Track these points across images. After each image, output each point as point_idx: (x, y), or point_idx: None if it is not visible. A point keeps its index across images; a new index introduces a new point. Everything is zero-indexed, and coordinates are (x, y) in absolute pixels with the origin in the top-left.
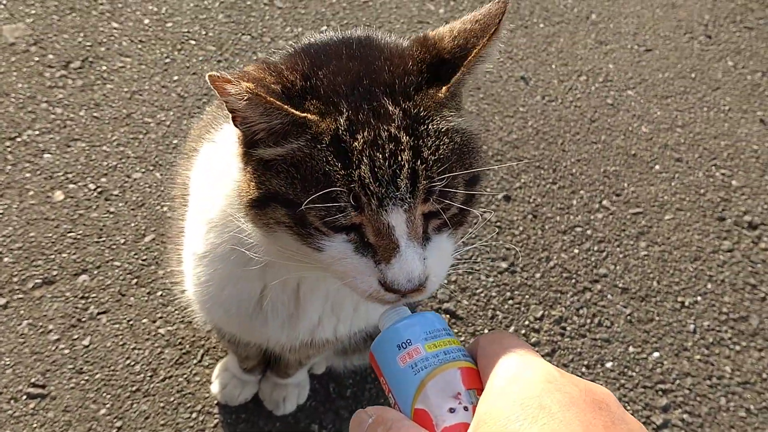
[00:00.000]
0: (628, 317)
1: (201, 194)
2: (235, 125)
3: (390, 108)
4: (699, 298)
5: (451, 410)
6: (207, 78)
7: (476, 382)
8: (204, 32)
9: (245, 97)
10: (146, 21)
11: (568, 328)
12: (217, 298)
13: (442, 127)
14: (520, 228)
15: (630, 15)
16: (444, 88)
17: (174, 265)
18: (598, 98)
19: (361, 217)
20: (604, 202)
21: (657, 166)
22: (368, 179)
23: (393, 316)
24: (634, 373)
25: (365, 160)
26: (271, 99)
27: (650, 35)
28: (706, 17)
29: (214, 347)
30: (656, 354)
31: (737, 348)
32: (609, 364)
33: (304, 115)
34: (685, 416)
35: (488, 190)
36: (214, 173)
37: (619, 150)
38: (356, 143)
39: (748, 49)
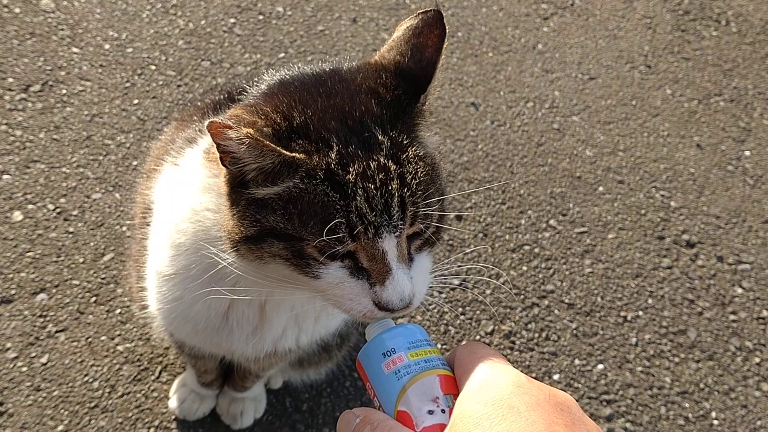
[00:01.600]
0: (574, 331)
1: (167, 217)
2: (224, 165)
3: (380, 138)
4: (640, 312)
5: (430, 412)
6: (206, 125)
7: (453, 388)
8: (164, 57)
9: (245, 142)
10: (107, 46)
11: (518, 342)
12: (185, 315)
13: (420, 153)
14: (471, 246)
15: (574, 45)
16: (421, 96)
17: (134, 282)
18: (545, 123)
19: (357, 245)
20: (551, 222)
21: (601, 188)
22: (365, 209)
23: (379, 327)
24: (579, 385)
25: (360, 192)
26: (267, 142)
27: (594, 64)
28: (645, 48)
29: (172, 363)
30: (600, 366)
31: (676, 360)
32: (556, 377)
33: (293, 155)
34: (627, 425)
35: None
36: (180, 199)
37: (564, 172)
38: (349, 176)
39: (685, 78)
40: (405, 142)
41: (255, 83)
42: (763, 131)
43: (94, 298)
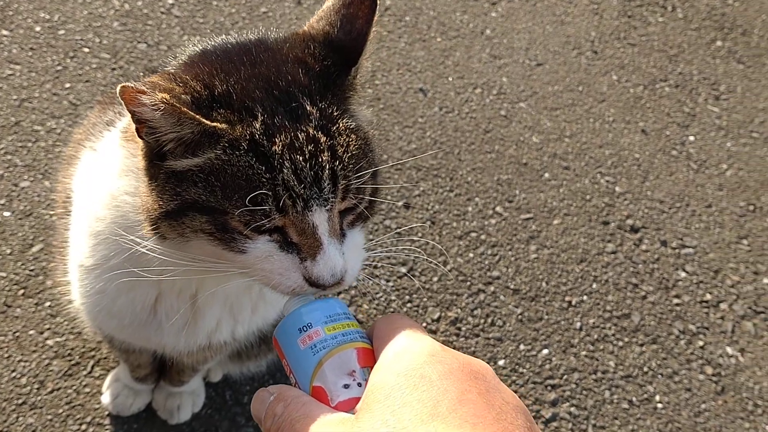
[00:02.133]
0: (519, 317)
1: (85, 205)
2: (140, 137)
3: (308, 108)
4: (585, 297)
5: (346, 386)
6: (119, 90)
7: (371, 361)
8: (98, 40)
9: (161, 108)
10: (37, 28)
11: (463, 329)
12: (109, 309)
13: (351, 125)
14: (419, 234)
15: (522, 31)
16: (352, 69)
17: (59, 275)
18: (492, 110)
19: (285, 219)
20: (498, 209)
21: (547, 174)
22: (293, 182)
23: (297, 302)
24: (524, 370)
25: (287, 164)
26: (185, 109)
27: (541, 50)
28: (592, 34)
29: (105, 358)
30: (545, 351)
31: (620, 344)
32: (501, 362)
33: (214, 124)
34: (572, 409)
35: (389, 198)
36: (98, 185)
37: (511, 159)
38: (275, 147)
39: (631, 64)
40: (335, 113)
41: (177, 54)
42: (707, 116)
43: (22, 291)
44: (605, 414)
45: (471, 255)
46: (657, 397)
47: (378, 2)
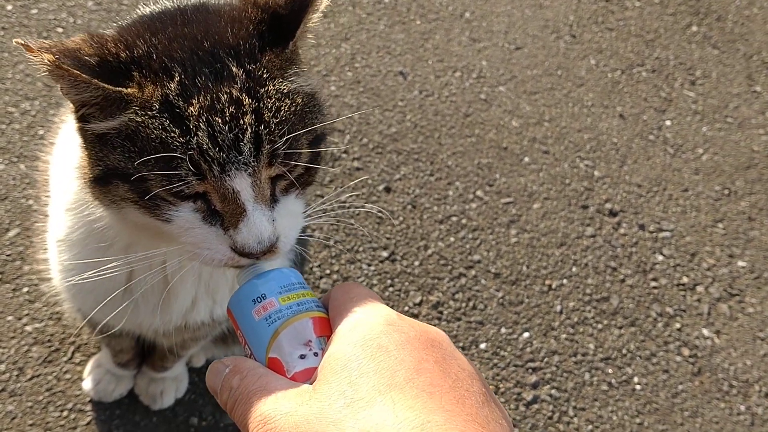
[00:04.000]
0: (500, 300)
1: (59, 178)
2: (63, 94)
3: (234, 70)
4: (565, 281)
5: (302, 357)
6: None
7: (327, 330)
8: (72, 20)
9: (45, 69)
10: (9, 7)
11: (445, 312)
12: (81, 285)
13: (284, 89)
14: (401, 218)
15: (501, 14)
16: (290, 43)
17: (40, 254)
18: (472, 94)
19: (205, 185)
20: (478, 193)
21: (526, 158)
22: (207, 145)
23: (250, 272)
24: (506, 353)
25: (202, 126)
26: (76, 72)
27: (520, 34)
28: (570, 18)
29: (85, 344)
30: (526, 334)
31: (599, 327)
32: (483, 345)
33: (118, 89)
34: (553, 392)
35: (369, 181)
36: (69, 156)
37: (491, 143)
38: (192, 108)
39: (609, 49)
40: (265, 76)
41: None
42: (683, 101)
43: None
44: (585, 396)
45: (452, 239)
46: (635, 379)
47: None
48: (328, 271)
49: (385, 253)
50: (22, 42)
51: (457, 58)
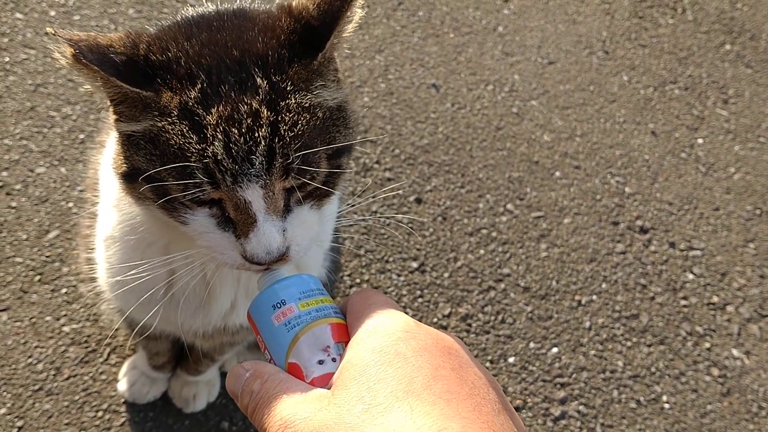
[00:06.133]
0: (529, 315)
1: (107, 177)
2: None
3: (258, 80)
4: (594, 297)
5: (320, 362)
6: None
7: (345, 336)
8: (113, 26)
9: (64, 62)
10: (52, 13)
11: (474, 325)
12: (124, 284)
13: (306, 102)
14: (431, 229)
15: (534, 29)
16: (319, 55)
17: (83, 254)
18: (504, 107)
19: (219, 192)
20: (509, 206)
21: (557, 173)
22: (221, 155)
23: (271, 278)
24: (534, 368)
25: (219, 136)
26: (94, 67)
27: (553, 49)
28: (604, 34)
29: (121, 345)
30: (555, 349)
31: (628, 344)
32: (511, 359)
33: (136, 90)
34: (581, 408)
35: (400, 192)
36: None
37: (522, 157)
38: (210, 117)
39: (642, 65)
40: (289, 88)
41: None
42: (715, 120)
43: (38, 277)
44: (613, 413)
45: (482, 252)
46: (664, 398)
47: None
48: (358, 281)
49: (414, 264)
50: (53, 30)
51: (489, 71)
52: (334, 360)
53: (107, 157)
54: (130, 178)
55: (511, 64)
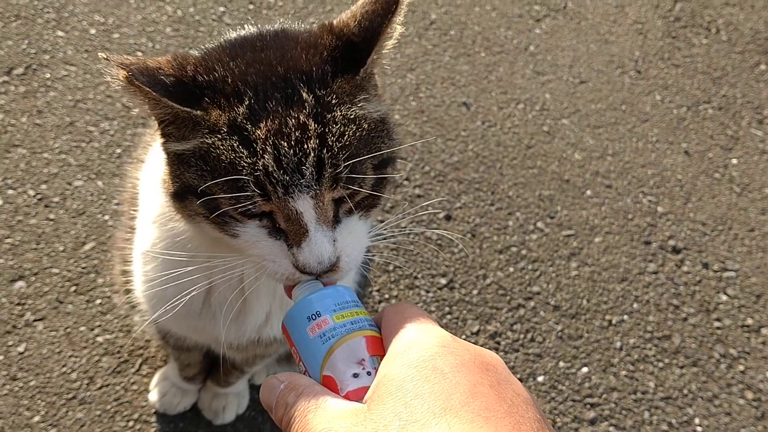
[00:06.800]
0: (559, 333)
1: (147, 193)
2: (142, 110)
3: (304, 95)
4: (625, 317)
5: (355, 375)
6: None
7: (380, 349)
8: (151, 44)
9: (118, 84)
10: (92, 31)
11: (503, 343)
12: (163, 297)
13: (351, 114)
14: (459, 246)
15: (566, 48)
16: (361, 70)
17: (118, 266)
18: (535, 126)
19: (270, 204)
20: (539, 224)
21: (588, 192)
22: (272, 167)
23: (306, 289)
24: (564, 387)
25: (269, 149)
26: (146, 89)
27: (584, 68)
28: (636, 53)
29: (152, 356)
30: (585, 369)
31: (660, 365)
32: (541, 378)
33: (186, 109)
34: (611, 429)
35: (430, 209)
36: (155, 171)
37: (553, 175)
38: (259, 131)
39: (675, 85)
40: (334, 102)
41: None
42: (750, 140)
43: (74, 288)
44: None
45: (511, 269)
46: (696, 420)
47: (400, 3)
48: (387, 296)
49: (443, 281)
50: (105, 55)
51: (520, 90)
52: (369, 373)
53: (147, 173)
54: (180, 196)
55: (543, 83)
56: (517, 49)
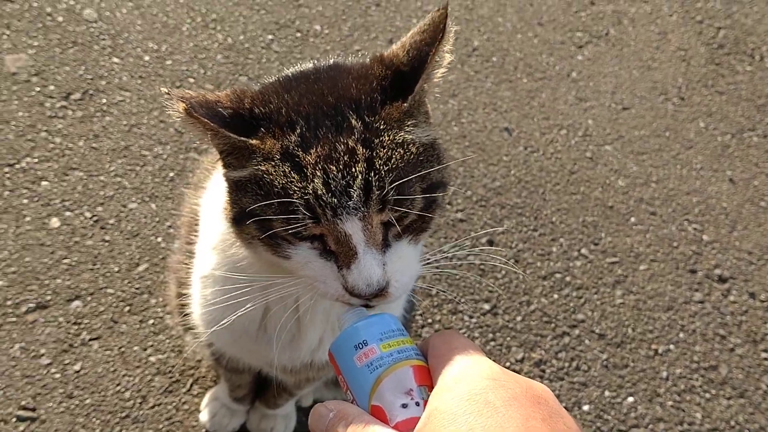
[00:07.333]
0: (605, 362)
1: (207, 219)
2: (202, 141)
3: (353, 122)
4: (672, 346)
5: (404, 406)
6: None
7: (427, 379)
8: (202, 71)
9: (178, 117)
10: (146, 58)
11: (548, 371)
12: (220, 319)
13: (399, 139)
14: (503, 272)
15: (608, 75)
16: (409, 97)
17: (173, 288)
18: (578, 151)
19: (320, 227)
20: (583, 251)
21: (633, 219)
22: (321, 191)
23: (352, 317)
24: (609, 417)
25: (318, 173)
26: (204, 120)
27: (627, 95)
28: (679, 80)
29: (203, 376)
30: (631, 399)
31: (707, 396)
32: (586, 407)
33: (242, 139)
34: None
35: (473, 233)
36: (216, 198)
37: (597, 201)
38: (309, 157)
39: (719, 112)
40: (382, 127)
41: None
42: None
43: (127, 308)
44: None
45: (555, 296)
46: None
47: (446, 32)
48: (430, 320)
49: (487, 306)
50: (167, 89)
51: (563, 116)
52: (417, 404)
53: (208, 200)
54: (238, 221)
55: (585, 109)
56: (559, 75)
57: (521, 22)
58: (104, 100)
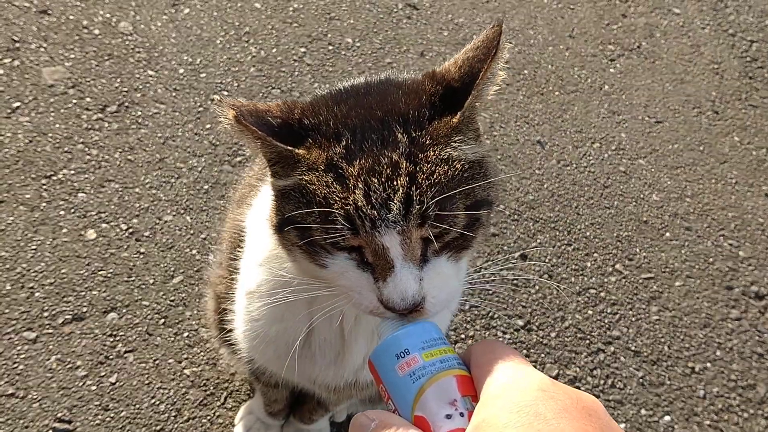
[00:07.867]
0: (641, 380)
1: (254, 236)
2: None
3: (399, 136)
4: (708, 364)
5: (448, 416)
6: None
7: (471, 389)
8: (236, 84)
9: (227, 123)
10: (181, 70)
11: (582, 388)
12: (265, 337)
13: (444, 155)
14: (536, 287)
15: (641, 88)
16: (458, 113)
17: (211, 302)
18: (611, 165)
19: (359, 239)
20: (617, 266)
21: (668, 234)
22: (361, 203)
23: (392, 325)
24: None
25: (360, 185)
26: (253, 128)
27: (660, 108)
28: (713, 94)
29: (237, 390)
30: (667, 418)
31: (745, 415)
32: (622, 426)
33: (289, 148)
34: None
35: (505, 248)
36: (263, 215)
37: (631, 216)
38: (352, 169)
39: (753, 126)
40: (428, 142)
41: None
42: None
43: (162, 320)
44: None
45: (590, 312)
46: None
47: (499, 48)
48: (463, 336)
49: (520, 322)
50: (219, 97)
51: (595, 129)
52: (461, 415)
53: (255, 216)
54: (280, 228)
55: (618, 123)
56: (592, 88)
57: (552, 35)
58: (139, 113)
